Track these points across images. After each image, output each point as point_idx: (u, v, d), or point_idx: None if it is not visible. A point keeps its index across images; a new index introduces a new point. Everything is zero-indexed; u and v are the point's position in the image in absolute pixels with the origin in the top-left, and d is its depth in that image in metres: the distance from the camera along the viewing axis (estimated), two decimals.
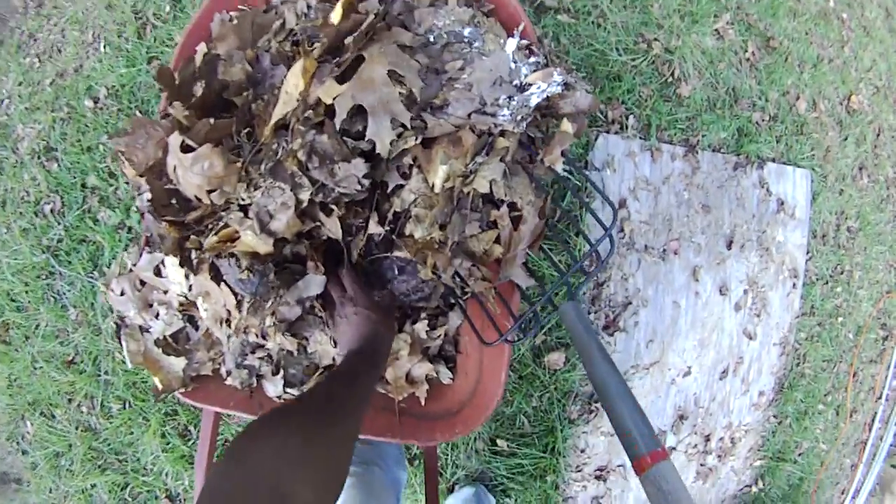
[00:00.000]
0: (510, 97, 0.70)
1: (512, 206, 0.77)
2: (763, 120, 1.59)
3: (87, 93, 1.58)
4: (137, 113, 1.48)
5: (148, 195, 0.71)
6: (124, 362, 1.46)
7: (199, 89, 0.69)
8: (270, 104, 0.69)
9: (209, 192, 0.67)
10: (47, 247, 1.55)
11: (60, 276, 1.53)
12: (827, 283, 1.70)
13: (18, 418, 1.65)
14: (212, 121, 0.66)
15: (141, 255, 0.84)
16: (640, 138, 1.38)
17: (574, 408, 1.31)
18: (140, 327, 0.86)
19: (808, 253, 1.64)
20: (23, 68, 1.73)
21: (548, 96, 0.70)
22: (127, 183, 1.48)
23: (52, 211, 1.57)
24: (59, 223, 1.54)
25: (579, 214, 1.33)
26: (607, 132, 1.35)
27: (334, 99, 0.62)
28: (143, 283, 0.86)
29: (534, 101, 0.71)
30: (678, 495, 0.53)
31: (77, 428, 1.54)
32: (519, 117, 0.71)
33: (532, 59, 0.71)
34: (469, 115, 0.69)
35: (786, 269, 1.58)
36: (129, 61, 1.52)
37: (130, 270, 0.85)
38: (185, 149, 0.66)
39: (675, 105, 1.45)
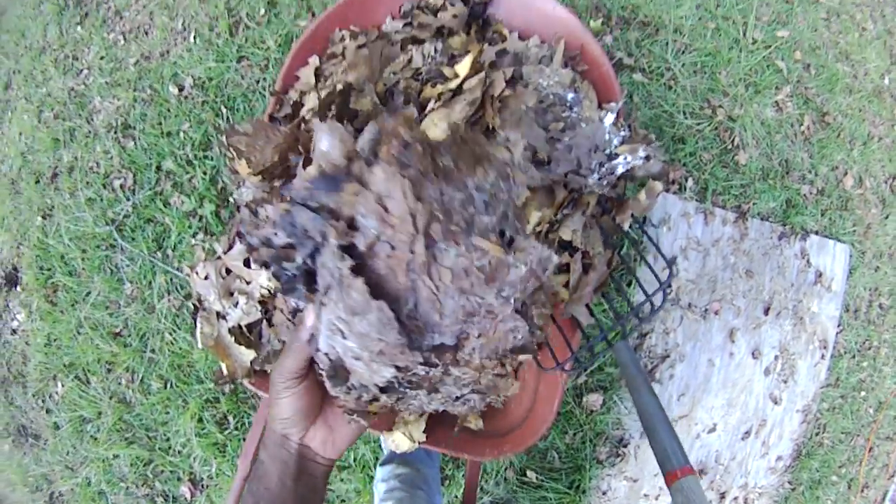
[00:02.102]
0: (601, 164, 0.79)
1: (584, 254, 0.84)
2: (811, 193, 1.64)
3: (172, 79, 1.63)
4: (223, 108, 1.55)
5: (255, 190, 0.77)
6: (174, 343, 1.51)
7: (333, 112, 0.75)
8: None
9: None
10: (112, 220, 1.59)
11: (122, 251, 1.57)
12: (854, 356, 1.72)
13: (50, 377, 1.66)
14: None
15: (232, 245, 0.90)
16: (696, 200, 1.44)
17: (603, 449, 1.34)
18: (217, 313, 0.91)
19: (839, 325, 1.66)
20: (106, 43, 1.76)
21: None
22: (205, 174, 1.53)
23: (121, 186, 1.62)
24: (127, 199, 1.59)
25: (633, 265, 1.37)
26: (667, 191, 1.41)
27: None
28: (228, 271, 0.91)
29: (619, 170, 0.80)
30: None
31: (111, 398, 1.55)
32: (605, 182, 0.79)
33: (622, 133, 0.80)
34: (566, 174, 0.77)
35: (816, 340, 1.61)
36: (219, 56, 1.58)
37: (219, 258, 0.91)
38: None
39: (731, 171, 1.50)
